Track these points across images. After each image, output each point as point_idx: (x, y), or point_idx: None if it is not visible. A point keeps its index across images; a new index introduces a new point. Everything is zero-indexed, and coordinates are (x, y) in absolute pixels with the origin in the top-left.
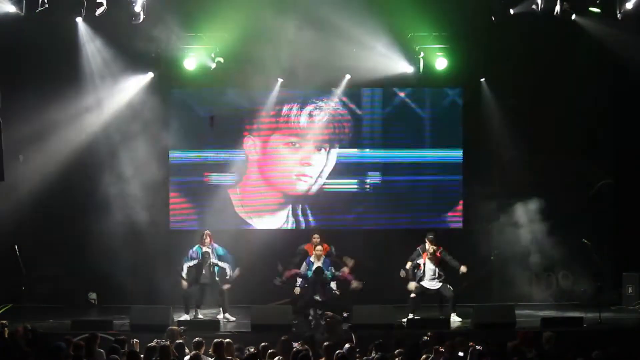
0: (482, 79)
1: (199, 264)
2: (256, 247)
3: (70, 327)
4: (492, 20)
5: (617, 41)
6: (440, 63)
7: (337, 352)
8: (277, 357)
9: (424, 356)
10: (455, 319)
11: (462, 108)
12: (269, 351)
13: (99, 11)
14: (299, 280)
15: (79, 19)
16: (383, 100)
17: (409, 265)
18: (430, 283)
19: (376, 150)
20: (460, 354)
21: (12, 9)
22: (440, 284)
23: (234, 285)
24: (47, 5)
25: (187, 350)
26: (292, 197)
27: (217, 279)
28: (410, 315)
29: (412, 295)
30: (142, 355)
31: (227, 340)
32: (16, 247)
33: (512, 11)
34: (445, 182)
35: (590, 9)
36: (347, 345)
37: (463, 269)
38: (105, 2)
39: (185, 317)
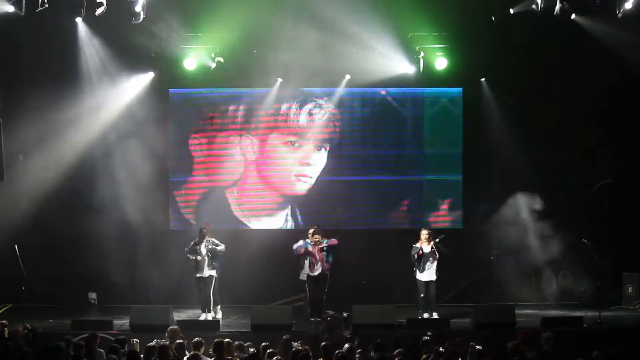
0: (482, 79)
1: (198, 240)
2: (256, 247)
3: (70, 327)
4: (492, 20)
5: (617, 41)
6: (440, 63)
7: (337, 352)
8: (276, 357)
9: (424, 356)
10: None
11: (462, 108)
12: (269, 351)
13: (99, 11)
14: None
15: (78, 19)
16: (384, 100)
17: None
18: (428, 274)
19: (376, 150)
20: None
21: (11, 9)
22: (434, 276)
23: (234, 285)
24: (47, 5)
25: (187, 353)
26: (291, 198)
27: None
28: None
29: (422, 295)
30: (142, 355)
31: (227, 340)
32: (16, 247)
33: (512, 11)
34: (445, 182)
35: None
36: (346, 345)
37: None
38: (105, 2)
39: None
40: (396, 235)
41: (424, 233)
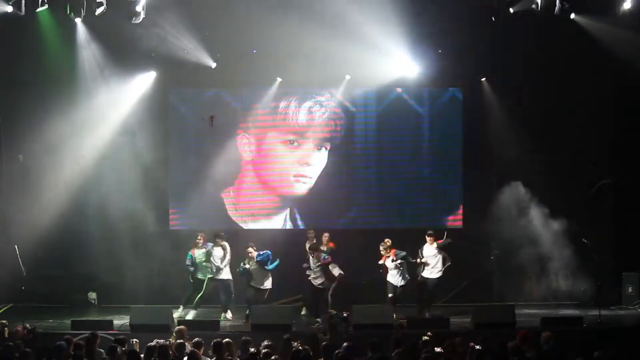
0: (483, 79)
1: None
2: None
3: (70, 327)
4: (492, 20)
5: (617, 40)
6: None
7: (337, 352)
8: (274, 357)
9: (423, 356)
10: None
11: (462, 107)
12: (268, 351)
13: (98, 11)
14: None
15: (78, 20)
16: (384, 100)
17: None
18: (393, 277)
19: (375, 150)
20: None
21: (11, 9)
22: (400, 279)
23: (234, 285)
24: (47, 6)
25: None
26: (290, 199)
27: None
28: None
29: (390, 295)
30: (142, 355)
31: (227, 340)
32: (16, 247)
33: (511, 10)
34: (445, 182)
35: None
36: (345, 344)
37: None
38: (105, 2)
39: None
40: (396, 235)
41: (382, 247)
